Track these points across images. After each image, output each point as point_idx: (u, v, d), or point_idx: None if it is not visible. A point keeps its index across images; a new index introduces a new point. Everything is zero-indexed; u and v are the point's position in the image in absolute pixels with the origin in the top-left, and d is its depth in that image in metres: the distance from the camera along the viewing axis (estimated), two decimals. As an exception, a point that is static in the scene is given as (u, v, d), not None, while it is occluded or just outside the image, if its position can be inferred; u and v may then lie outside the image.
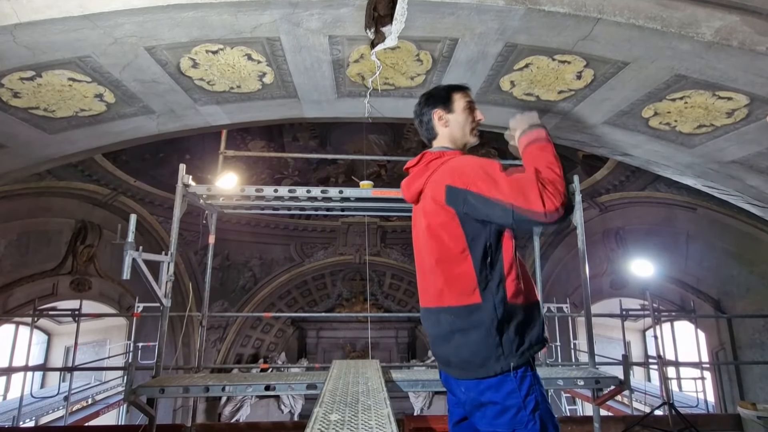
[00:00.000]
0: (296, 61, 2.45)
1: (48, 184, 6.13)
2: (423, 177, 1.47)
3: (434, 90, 1.61)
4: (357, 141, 8.70)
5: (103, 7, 1.88)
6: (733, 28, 1.99)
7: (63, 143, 2.98)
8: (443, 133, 1.54)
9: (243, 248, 9.28)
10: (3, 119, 2.59)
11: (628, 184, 6.70)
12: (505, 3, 1.94)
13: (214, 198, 3.57)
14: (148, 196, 7.47)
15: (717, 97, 2.45)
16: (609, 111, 2.78)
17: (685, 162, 3.17)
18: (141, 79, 2.46)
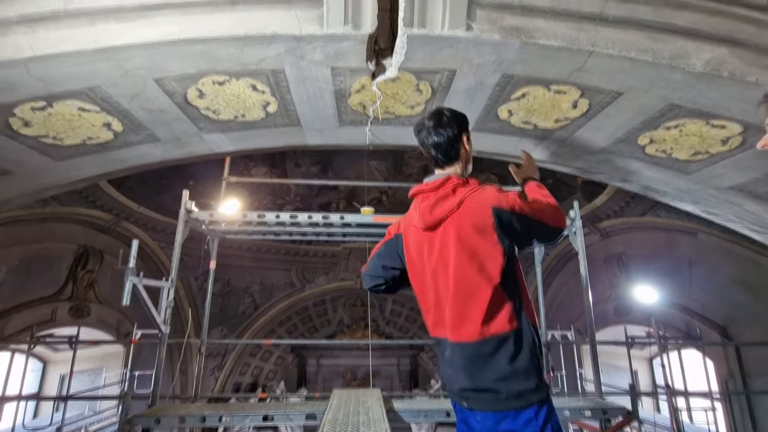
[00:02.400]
0: (299, 91, 2.52)
1: (52, 210, 6.19)
2: (452, 200, 1.45)
3: (454, 113, 1.58)
4: (358, 167, 8.81)
5: (116, 41, 1.96)
6: (723, 59, 2.06)
7: (69, 170, 3.04)
8: (462, 158, 1.57)
9: (244, 273, 9.24)
10: (12, 146, 2.65)
11: (628, 209, 6.73)
12: (501, 37, 2.02)
13: (217, 224, 3.60)
14: (150, 221, 7.51)
15: (711, 125, 2.50)
16: (605, 139, 2.84)
17: (683, 188, 3.20)
18: (149, 108, 2.54)
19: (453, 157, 1.54)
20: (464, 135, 1.56)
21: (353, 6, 1.97)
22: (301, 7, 1.97)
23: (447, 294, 1.41)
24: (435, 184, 1.51)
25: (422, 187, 1.55)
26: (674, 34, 2.04)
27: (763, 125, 2.18)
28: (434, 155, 1.56)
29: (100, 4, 1.89)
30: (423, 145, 1.59)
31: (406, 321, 10.64)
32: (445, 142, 1.52)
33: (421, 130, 1.58)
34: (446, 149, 1.53)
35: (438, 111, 1.59)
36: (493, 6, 1.99)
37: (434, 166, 1.60)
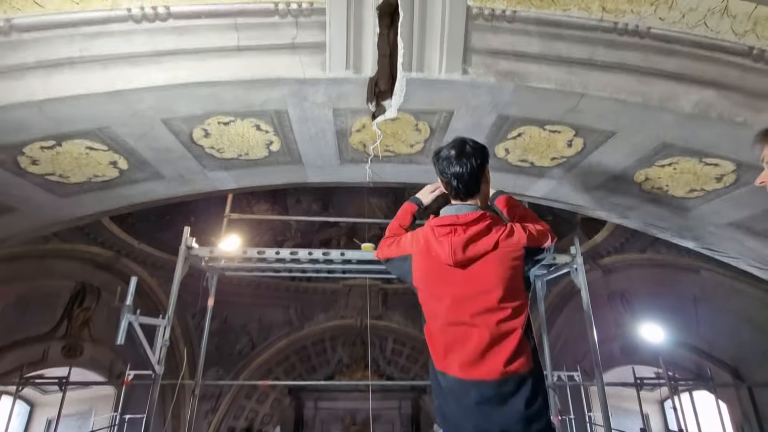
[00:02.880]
0: (302, 130, 2.60)
1: (53, 246, 6.18)
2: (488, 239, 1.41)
3: (477, 144, 1.53)
4: (359, 204, 8.89)
5: (128, 85, 2.05)
6: (710, 101, 2.14)
7: (73, 207, 3.07)
8: (483, 191, 1.55)
9: (242, 311, 9.08)
10: (18, 183, 2.69)
11: (628, 246, 6.71)
12: (496, 80, 2.11)
13: (216, 260, 3.58)
14: (150, 258, 7.49)
15: (704, 163, 2.55)
16: (601, 176, 2.88)
17: (682, 224, 3.21)
18: (155, 147, 2.60)
19: (474, 190, 1.49)
20: (487, 167, 1.53)
21: (354, 52, 2.07)
22: (305, 53, 2.07)
23: (469, 333, 1.34)
24: (468, 217, 1.42)
25: (451, 218, 1.45)
26: (662, 77, 2.14)
27: (759, 163, 2.22)
28: (455, 186, 1.49)
29: (114, 51, 1.99)
30: (442, 174, 1.52)
31: (407, 361, 10.33)
32: (468, 173, 1.46)
33: (440, 159, 1.51)
34: (468, 181, 1.47)
35: (461, 140, 1.52)
36: (487, 52, 2.09)
37: (453, 197, 1.54)
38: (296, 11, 2.00)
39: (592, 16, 2.03)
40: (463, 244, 1.39)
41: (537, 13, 2.03)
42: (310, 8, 2.00)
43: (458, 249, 1.39)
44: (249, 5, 1.98)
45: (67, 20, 1.93)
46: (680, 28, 2.05)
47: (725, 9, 2.02)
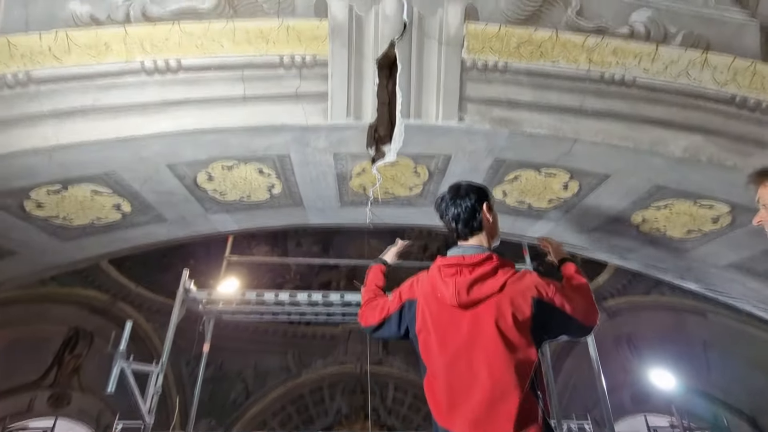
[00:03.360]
0: (303, 174, 2.66)
1: (49, 290, 6.11)
2: (493, 282, 1.36)
3: (472, 185, 1.57)
4: (359, 246, 8.88)
5: (136, 132, 2.12)
6: (699, 146, 2.21)
7: (74, 250, 3.07)
8: (487, 228, 1.52)
9: (238, 357, 8.79)
10: (21, 227, 2.71)
11: (631, 287, 6.63)
12: (491, 126, 2.19)
13: (214, 303, 3.54)
14: (146, 302, 7.38)
15: (699, 205, 2.58)
16: (599, 218, 2.91)
17: (683, 266, 3.20)
18: (158, 190, 2.65)
19: (475, 228, 1.49)
20: (485, 204, 1.53)
21: (355, 100, 2.17)
22: (308, 101, 2.17)
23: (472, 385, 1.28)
24: (474, 259, 1.41)
25: (457, 258, 1.44)
26: (651, 124, 2.22)
27: (754, 204, 2.26)
28: (455, 227, 1.51)
29: (125, 100, 2.09)
30: (443, 218, 1.56)
31: (409, 410, 9.85)
32: (464, 212, 1.49)
33: (440, 204, 1.57)
34: (467, 220, 1.49)
35: (456, 184, 1.58)
36: (482, 100, 2.19)
37: (456, 239, 1.54)
38: (300, 64, 2.12)
39: (579, 68, 2.14)
40: (467, 285, 1.37)
41: (527, 65, 2.15)
42: (313, 61, 2.13)
43: (463, 289, 1.36)
44: (256, 58, 2.10)
45: (83, 73, 2.04)
46: (664, 78, 2.16)
47: (705, 61, 2.14)
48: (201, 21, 2.08)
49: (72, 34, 2.01)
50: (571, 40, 2.15)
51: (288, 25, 2.10)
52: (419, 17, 2.16)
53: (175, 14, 2.07)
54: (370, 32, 2.16)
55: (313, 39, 2.11)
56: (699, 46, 2.18)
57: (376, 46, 2.16)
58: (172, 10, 2.07)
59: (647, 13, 2.19)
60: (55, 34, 2.00)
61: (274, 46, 2.09)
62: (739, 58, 2.15)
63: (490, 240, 1.54)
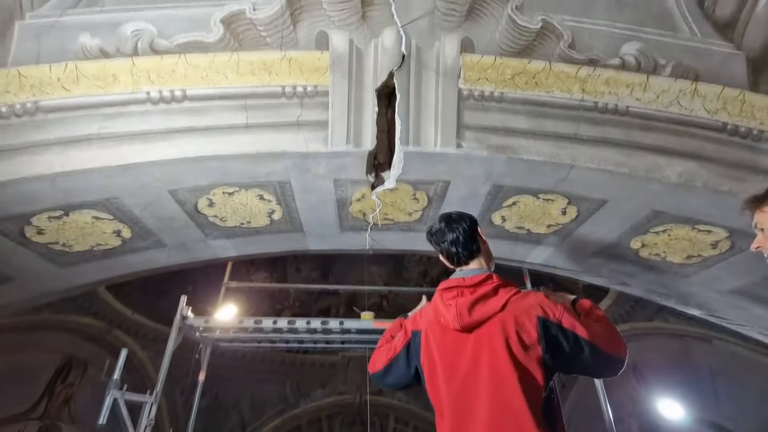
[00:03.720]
0: (303, 200, 2.68)
1: (43, 317, 6.02)
2: (494, 302, 1.33)
3: (460, 212, 1.59)
4: (358, 272, 8.82)
5: (139, 159, 2.16)
6: (694, 172, 2.24)
7: (72, 276, 3.06)
8: (484, 251, 1.53)
9: (234, 386, 8.57)
10: (20, 253, 2.71)
11: (634, 314, 6.55)
12: (489, 153, 2.23)
13: (211, 330, 3.48)
14: (142, 329, 7.26)
15: (697, 230, 2.59)
16: (598, 243, 2.92)
17: (684, 291, 3.18)
18: (159, 216, 2.66)
19: (474, 251, 1.49)
20: (479, 228, 1.55)
21: (355, 128, 2.22)
22: (309, 129, 2.22)
23: (478, 413, 1.22)
24: (474, 279, 1.39)
25: (457, 281, 1.42)
26: (645, 150, 2.26)
27: (751, 229, 2.27)
28: (455, 252, 1.50)
29: (130, 129, 2.14)
30: (439, 245, 1.55)
31: (410, 443, 9.51)
32: (462, 235, 1.49)
33: (434, 234, 1.57)
34: (465, 242, 1.48)
35: (445, 213, 1.60)
36: (479, 128, 2.24)
37: (456, 265, 1.53)
38: (302, 93, 2.18)
39: (573, 97, 2.20)
40: (469, 305, 1.34)
41: (523, 95, 2.21)
42: (314, 90, 2.19)
43: (464, 311, 1.33)
44: (259, 88, 2.17)
45: (90, 102, 2.10)
46: (656, 106, 2.22)
47: (695, 90, 2.21)
48: (206, 53, 2.15)
49: (81, 65, 2.08)
50: (564, 71, 2.22)
51: (290, 57, 2.18)
52: (417, 49, 2.24)
53: (181, 47, 2.15)
54: (370, 64, 2.24)
55: (314, 70, 2.18)
56: (688, 76, 2.25)
57: (376, 77, 2.23)
58: (179, 43, 2.15)
59: (636, 46, 2.27)
60: (65, 65, 2.07)
61: (277, 77, 2.16)
62: (728, 87, 2.22)
63: (489, 263, 1.54)
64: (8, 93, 2.05)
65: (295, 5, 2.21)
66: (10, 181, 2.11)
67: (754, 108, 2.21)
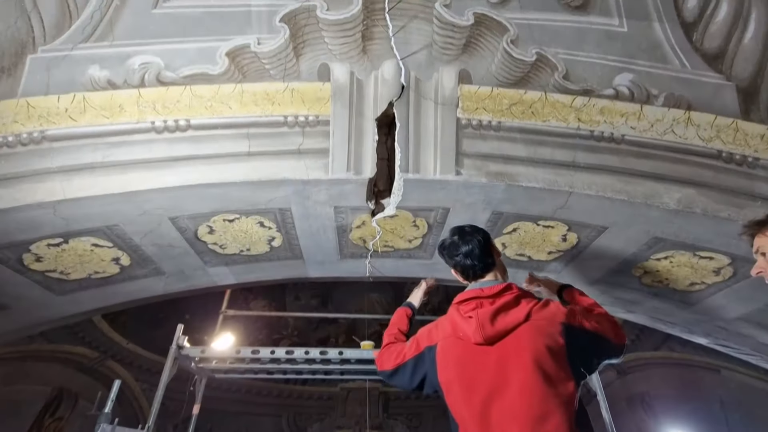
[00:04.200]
0: (303, 227, 2.69)
1: (36, 347, 5.90)
2: (516, 314, 1.30)
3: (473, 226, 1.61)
4: (358, 300, 8.72)
5: (141, 186, 2.17)
6: (692, 198, 2.25)
7: (68, 305, 3.02)
8: (499, 264, 1.54)
9: (229, 420, 8.28)
10: (16, 281, 2.68)
11: (640, 343, 6.42)
12: (488, 180, 2.25)
13: (207, 361, 3.40)
14: (137, 359, 7.09)
15: (699, 257, 2.58)
16: (600, 270, 2.90)
17: (690, 319, 3.13)
18: (159, 243, 2.66)
19: (490, 263, 1.47)
20: (493, 241, 1.56)
21: (355, 156, 2.25)
22: (310, 157, 2.25)
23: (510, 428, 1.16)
24: (494, 290, 1.36)
25: (475, 292, 1.38)
26: (643, 177, 2.28)
27: (751, 256, 2.26)
28: (470, 264, 1.48)
29: (134, 157, 2.16)
30: (453, 259, 1.53)
31: (411, 481, 9.09)
32: (477, 246, 1.48)
33: (446, 247, 1.56)
34: (481, 254, 1.47)
35: (458, 226, 1.60)
36: (477, 155, 2.27)
37: (471, 278, 1.51)
38: (303, 122, 2.23)
39: (569, 126, 2.25)
40: (490, 316, 1.29)
41: (520, 123, 2.25)
42: (315, 120, 2.24)
43: (486, 322, 1.28)
44: (261, 118, 2.22)
45: (95, 131, 2.14)
46: (651, 135, 2.26)
47: (688, 119, 2.26)
48: (211, 84, 2.21)
49: (89, 96, 2.14)
50: (559, 101, 2.28)
51: (293, 88, 2.24)
52: (416, 80, 2.30)
53: (187, 79, 2.21)
54: (370, 94, 2.30)
55: (316, 100, 2.24)
56: (681, 106, 2.30)
57: (376, 107, 2.29)
58: (185, 75, 2.21)
59: (629, 77, 2.34)
60: (73, 96, 2.12)
61: (279, 107, 2.21)
62: (721, 116, 2.27)
63: (504, 276, 1.53)
64: (16, 123, 2.09)
65: (298, 39, 2.29)
66: (12, 208, 2.12)
67: (748, 136, 2.25)
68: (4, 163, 2.09)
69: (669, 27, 2.44)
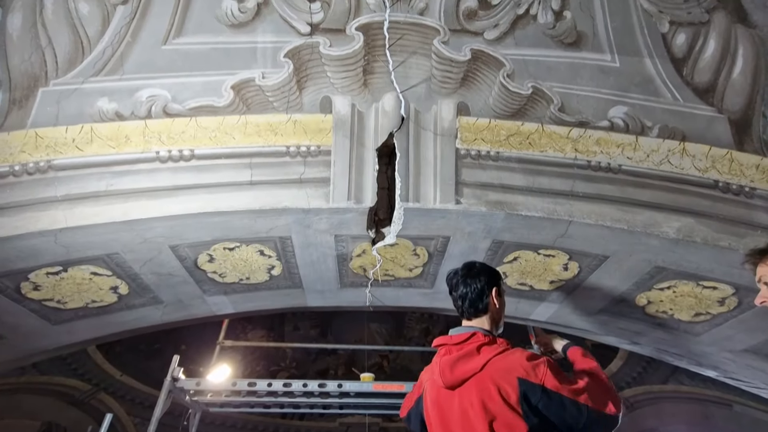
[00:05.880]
0: (304, 255, 2.68)
1: (28, 379, 5.75)
2: (475, 361, 1.32)
3: (486, 267, 1.61)
4: (358, 331, 8.56)
5: (143, 215, 2.19)
6: (692, 227, 2.26)
7: (63, 334, 2.97)
8: (491, 314, 1.51)
9: (222, 459, 7.94)
10: (13, 310, 2.65)
11: (647, 375, 6.25)
12: (487, 209, 2.27)
13: (202, 394, 3.31)
14: (130, 392, 6.89)
15: (702, 286, 2.56)
16: (602, 299, 2.86)
17: (697, 351, 3.06)
18: (158, 272, 2.65)
19: (481, 310, 1.49)
20: (494, 289, 1.54)
21: (356, 185, 2.28)
22: (311, 186, 2.28)
23: None
24: (460, 338, 1.41)
25: (446, 338, 1.45)
26: (641, 206, 2.29)
27: (755, 285, 2.24)
28: (460, 306, 1.52)
29: (137, 186, 2.19)
30: (451, 293, 1.58)
31: None
32: (473, 293, 1.50)
33: (452, 279, 1.60)
34: (474, 301, 1.49)
35: (471, 262, 1.63)
36: (477, 185, 2.30)
37: (461, 317, 1.55)
38: (305, 152, 2.27)
39: (566, 156, 2.29)
40: (451, 363, 1.35)
41: (518, 154, 2.30)
42: (317, 150, 2.28)
43: (446, 369, 1.35)
44: (264, 148, 2.26)
45: (101, 161, 2.17)
46: (648, 165, 2.29)
47: (683, 150, 2.30)
48: (216, 116, 2.27)
49: (96, 127, 2.19)
50: (556, 132, 2.33)
51: (295, 120, 2.30)
52: (416, 112, 2.37)
53: (193, 110, 2.27)
54: (371, 125, 2.35)
55: (317, 131, 2.29)
56: (675, 137, 2.35)
57: (376, 137, 2.34)
58: (191, 107, 2.28)
59: (624, 109, 2.40)
60: (81, 127, 2.18)
61: (282, 138, 2.26)
62: (715, 147, 2.31)
63: (492, 325, 1.51)
64: (23, 152, 2.13)
65: (301, 73, 2.37)
66: (13, 236, 2.12)
67: (743, 166, 2.28)
68: (9, 192, 2.11)
69: (659, 62, 2.52)
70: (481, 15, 2.53)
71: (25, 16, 2.33)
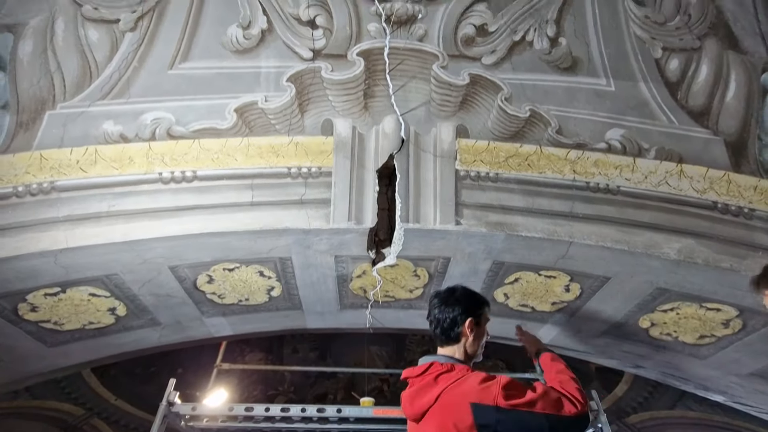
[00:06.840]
0: (304, 276, 2.67)
1: (20, 403, 5.62)
2: (431, 392, 1.32)
3: (467, 294, 1.58)
4: (358, 354, 8.42)
5: (144, 235, 2.19)
6: (693, 248, 2.25)
7: (58, 357, 2.92)
8: (462, 343, 1.48)
9: (217, 488, 7.65)
10: (9, 332, 2.62)
11: (653, 401, 6.09)
12: (487, 230, 2.27)
13: (198, 419, 3.22)
14: (124, 417, 6.72)
15: (705, 308, 2.53)
16: (605, 322, 2.83)
17: (703, 375, 3.00)
18: (157, 293, 2.63)
19: (452, 338, 1.47)
20: (469, 320, 1.49)
21: (356, 206, 2.29)
22: (312, 207, 2.29)
23: None
24: (420, 369, 1.40)
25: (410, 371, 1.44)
26: (641, 227, 2.29)
27: (760, 308, 2.21)
28: (432, 331, 1.52)
29: (139, 207, 2.20)
30: (428, 317, 1.58)
31: None
32: (445, 321, 1.48)
33: (432, 300, 1.59)
34: (445, 329, 1.48)
35: (453, 287, 1.61)
36: (477, 206, 2.31)
37: (435, 343, 1.55)
38: (306, 174, 2.30)
39: (565, 177, 2.31)
40: (411, 398, 1.37)
41: (517, 175, 2.32)
42: (318, 171, 2.30)
43: (407, 402, 1.38)
44: (266, 169, 2.28)
45: (104, 182, 2.19)
46: (646, 186, 2.31)
47: (681, 171, 2.32)
48: (219, 138, 2.31)
49: (100, 149, 2.22)
50: (554, 154, 2.35)
51: (297, 142, 2.33)
52: (415, 135, 2.40)
53: (196, 133, 2.31)
54: (371, 147, 2.38)
55: (319, 153, 2.32)
56: (672, 159, 2.38)
57: (377, 159, 2.36)
58: (194, 129, 2.32)
59: (620, 132, 2.44)
60: (85, 149, 2.21)
61: (283, 159, 2.29)
62: (712, 168, 2.33)
63: (464, 354, 1.48)
64: (28, 174, 2.15)
65: (303, 97, 2.42)
66: (13, 257, 2.12)
67: (741, 187, 2.30)
68: (11, 213, 2.12)
69: (654, 86, 2.58)
70: (478, 41, 2.60)
71: (36, 42, 2.40)
